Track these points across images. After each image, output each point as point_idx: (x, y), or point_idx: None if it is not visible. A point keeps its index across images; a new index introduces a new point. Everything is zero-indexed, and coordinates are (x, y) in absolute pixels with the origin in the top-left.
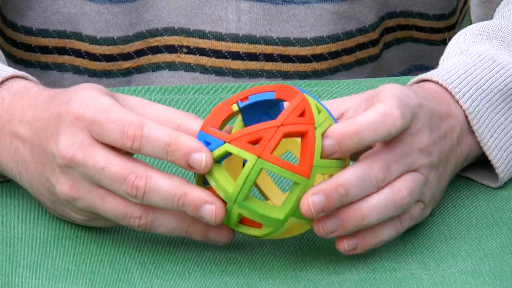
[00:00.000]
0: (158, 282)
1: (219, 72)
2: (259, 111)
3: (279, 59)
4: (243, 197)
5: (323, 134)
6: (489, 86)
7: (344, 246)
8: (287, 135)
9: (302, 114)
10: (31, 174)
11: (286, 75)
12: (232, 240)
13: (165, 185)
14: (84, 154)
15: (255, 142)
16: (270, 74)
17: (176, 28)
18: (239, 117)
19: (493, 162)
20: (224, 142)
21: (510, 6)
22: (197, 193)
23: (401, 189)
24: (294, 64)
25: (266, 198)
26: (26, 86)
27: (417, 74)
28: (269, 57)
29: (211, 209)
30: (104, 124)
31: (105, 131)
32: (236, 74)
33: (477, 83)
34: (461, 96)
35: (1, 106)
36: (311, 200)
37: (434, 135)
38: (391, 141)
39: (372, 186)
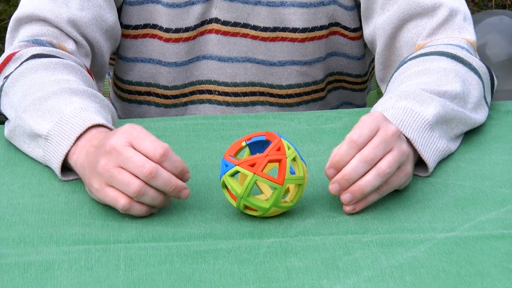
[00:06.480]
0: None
1: (236, 104)
2: (259, 145)
3: (267, 95)
4: (246, 195)
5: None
6: (414, 122)
7: (347, 209)
8: (270, 161)
9: (279, 149)
10: (88, 162)
11: (271, 104)
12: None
13: (166, 175)
14: (122, 148)
15: (252, 165)
16: (262, 103)
17: (212, 80)
18: (247, 149)
19: (427, 162)
20: (235, 165)
21: (407, 74)
22: (181, 182)
23: (382, 166)
24: (276, 98)
25: (262, 192)
26: (104, 129)
27: (346, 107)
28: (262, 94)
29: (188, 191)
30: (145, 141)
31: (142, 144)
32: (245, 104)
33: (404, 121)
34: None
35: (91, 136)
36: (331, 188)
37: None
38: (374, 136)
39: (366, 166)
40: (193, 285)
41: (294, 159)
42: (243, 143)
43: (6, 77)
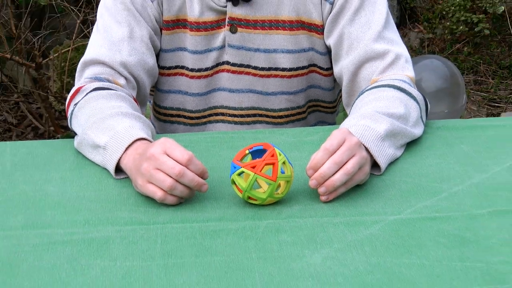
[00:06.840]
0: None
1: (241, 123)
2: (258, 152)
3: (264, 116)
4: (249, 189)
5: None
6: (370, 135)
7: (323, 198)
8: (267, 164)
9: (273, 156)
10: (134, 165)
11: (267, 123)
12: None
13: (191, 175)
14: (159, 155)
15: (253, 167)
16: (261, 123)
17: (224, 105)
18: (249, 155)
19: (380, 165)
20: (241, 167)
21: (365, 100)
22: (202, 180)
23: (347, 167)
24: (270, 119)
25: (260, 187)
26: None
27: (321, 125)
28: (260, 116)
29: (206, 187)
30: (175, 150)
31: (173, 152)
32: (248, 123)
33: (363, 134)
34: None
35: (136, 146)
36: (311, 183)
37: (356, 139)
38: (342, 145)
39: (336, 167)
40: (211, 255)
41: (284, 163)
42: (247, 151)
43: (75, 104)
